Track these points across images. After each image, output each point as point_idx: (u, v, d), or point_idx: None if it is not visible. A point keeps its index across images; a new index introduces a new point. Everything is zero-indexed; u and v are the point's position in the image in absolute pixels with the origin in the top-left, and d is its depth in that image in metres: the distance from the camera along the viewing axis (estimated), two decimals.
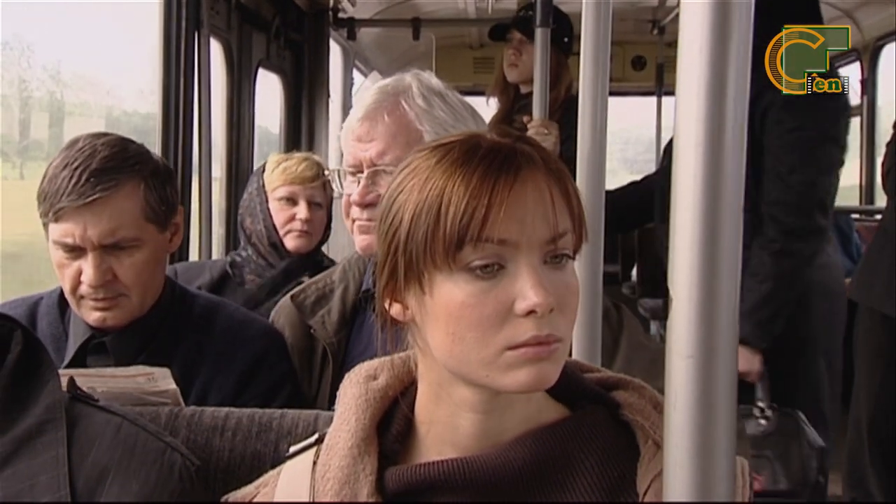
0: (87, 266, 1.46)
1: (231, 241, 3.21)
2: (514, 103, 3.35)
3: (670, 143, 3.49)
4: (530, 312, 0.84)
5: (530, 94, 3.22)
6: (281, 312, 1.67)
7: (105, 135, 1.50)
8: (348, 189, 1.51)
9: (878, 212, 3.81)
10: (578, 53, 1.30)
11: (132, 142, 1.53)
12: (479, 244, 0.84)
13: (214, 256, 3.00)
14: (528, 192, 0.85)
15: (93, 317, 1.51)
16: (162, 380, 1.34)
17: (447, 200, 0.84)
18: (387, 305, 0.92)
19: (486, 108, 3.42)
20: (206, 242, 2.92)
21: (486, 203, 0.83)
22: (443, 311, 0.86)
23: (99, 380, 1.27)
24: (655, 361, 1.32)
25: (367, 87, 1.58)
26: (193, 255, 2.82)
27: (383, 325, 0.95)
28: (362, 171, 1.47)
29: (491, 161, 0.86)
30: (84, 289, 1.48)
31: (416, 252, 0.86)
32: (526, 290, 0.84)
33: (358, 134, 1.48)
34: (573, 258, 0.90)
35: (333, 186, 1.58)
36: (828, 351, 2.50)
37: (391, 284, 0.90)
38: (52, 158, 1.49)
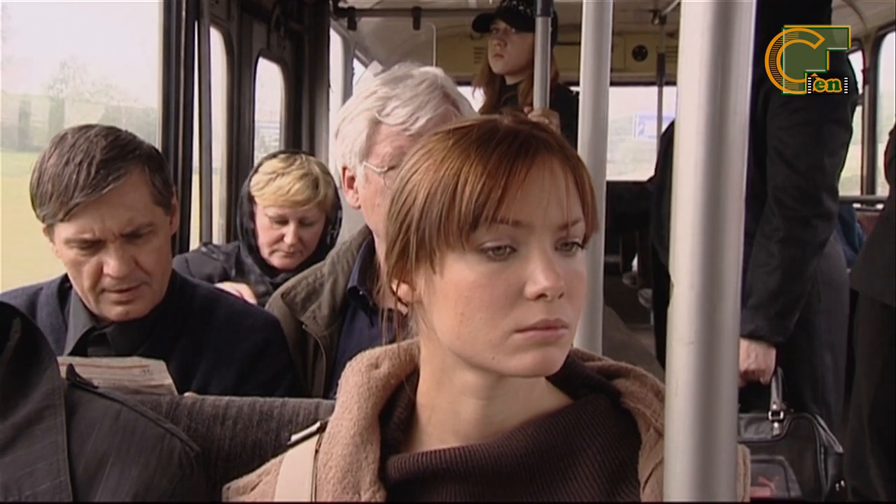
0: (110, 258, 1.46)
1: (231, 232, 3.21)
2: (501, 95, 3.29)
3: (667, 130, 3.47)
4: (540, 296, 0.84)
5: (516, 84, 3.21)
6: (272, 307, 1.67)
7: (90, 126, 1.48)
8: None
9: (880, 201, 3.81)
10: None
11: (119, 129, 1.52)
12: (494, 225, 0.84)
13: None
14: (545, 176, 0.86)
15: (115, 311, 1.50)
16: (157, 373, 1.34)
17: (464, 180, 0.84)
18: (394, 286, 0.92)
19: (472, 99, 3.38)
20: (206, 233, 2.93)
21: (502, 184, 0.84)
22: (453, 290, 0.86)
23: (95, 370, 1.27)
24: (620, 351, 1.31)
25: (368, 78, 1.59)
26: (194, 245, 2.82)
27: (388, 313, 0.95)
28: None
29: (509, 144, 0.86)
30: (107, 282, 1.48)
31: (429, 231, 0.86)
32: (537, 274, 0.84)
33: (422, 130, 1.44)
34: (583, 247, 0.90)
35: (348, 196, 1.57)
36: (832, 344, 2.44)
37: (401, 264, 0.90)
38: (40, 159, 1.45)
